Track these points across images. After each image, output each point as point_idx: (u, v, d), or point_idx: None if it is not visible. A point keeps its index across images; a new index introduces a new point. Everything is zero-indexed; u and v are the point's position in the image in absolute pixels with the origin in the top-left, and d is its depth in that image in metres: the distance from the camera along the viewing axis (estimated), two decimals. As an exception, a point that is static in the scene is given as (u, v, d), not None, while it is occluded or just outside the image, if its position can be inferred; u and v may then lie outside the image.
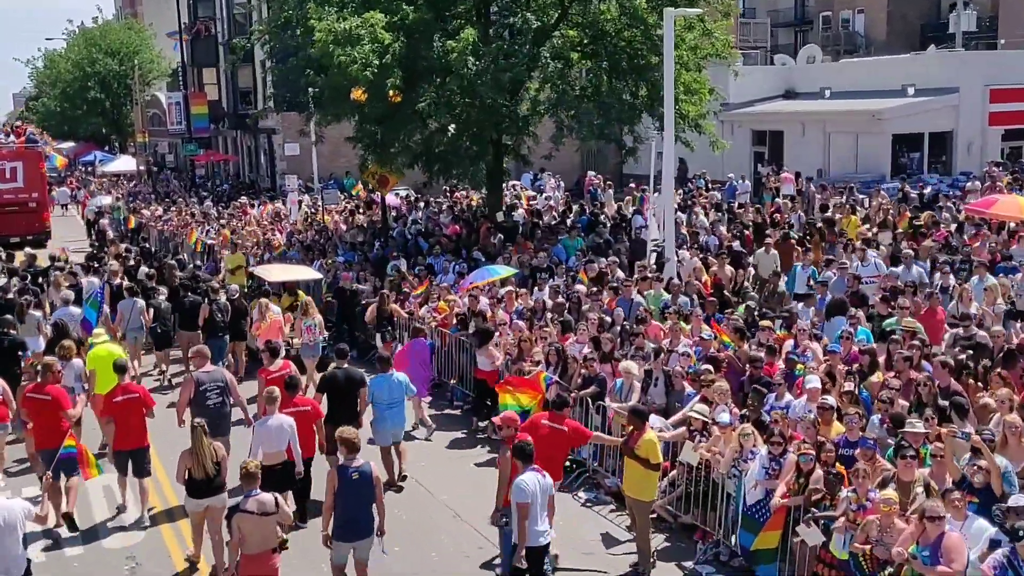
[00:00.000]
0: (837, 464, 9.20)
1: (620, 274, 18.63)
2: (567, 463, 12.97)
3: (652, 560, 10.29)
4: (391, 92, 20.78)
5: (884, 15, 66.41)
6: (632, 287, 16.17)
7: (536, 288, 17.91)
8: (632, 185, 33.59)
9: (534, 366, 13.73)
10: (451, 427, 15.11)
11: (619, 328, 14.53)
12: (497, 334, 14.54)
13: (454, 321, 16.48)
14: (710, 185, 34.43)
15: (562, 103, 21.04)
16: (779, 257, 20.10)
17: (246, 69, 44.15)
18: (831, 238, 22.39)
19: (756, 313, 14.62)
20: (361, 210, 31.42)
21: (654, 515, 10.81)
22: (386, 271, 21.40)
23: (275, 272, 18.83)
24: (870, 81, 38.04)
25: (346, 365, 12.51)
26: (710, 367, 12.20)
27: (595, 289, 16.43)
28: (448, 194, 33.63)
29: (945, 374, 11.13)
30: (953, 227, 22.61)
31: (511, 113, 21.95)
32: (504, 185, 27.45)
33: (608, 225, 25.80)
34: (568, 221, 26.71)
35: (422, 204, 30.69)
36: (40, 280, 21.05)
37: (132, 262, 23.41)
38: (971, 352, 12.76)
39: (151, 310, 17.92)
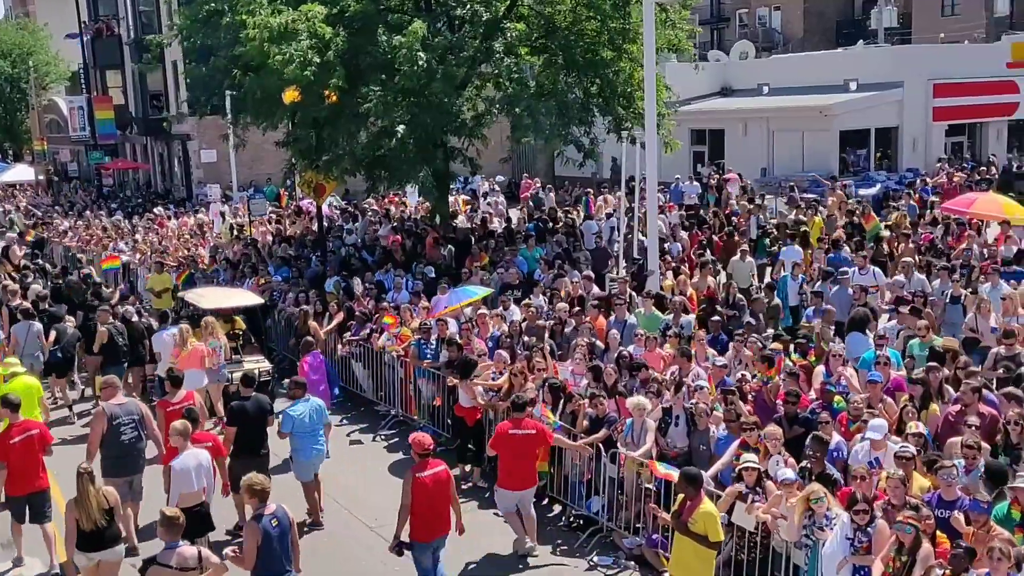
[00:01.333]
0: (939, 534, 7.61)
1: (596, 289, 16.97)
2: (575, 521, 11.31)
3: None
4: (329, 92, 18.78)
5: (800, 12, 66.82)
6: (625, 305, 14.43)
7: (502, 307, 16.06)
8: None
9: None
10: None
11: (616, 355, 12.76)
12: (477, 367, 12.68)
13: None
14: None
15: (519, 101, 19.24)
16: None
17: (156, 70, 41.27)
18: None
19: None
20: (290, 220, 29.14)
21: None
22: (324, 288, 19.34)
23: (209, 298, 16.57)
24: (809, 76, 37.20)
25: (253, 393, 11.51)
26: (735, 402, 10.58)
27: (579, 308, 14.61)
28: (377, 201, 31.50)
29: (1015, 407, 9.64)
30: (924, 224, 21.62)
31: (460, 112, 20.13)
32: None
33: (562, 232, 24.21)
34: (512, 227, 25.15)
35: (358, 213, 28.53)
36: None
37: (30, 279, 20.98)
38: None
39: (52, 333, 16.14)
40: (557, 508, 11.67)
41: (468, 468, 12.76)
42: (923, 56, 37.44)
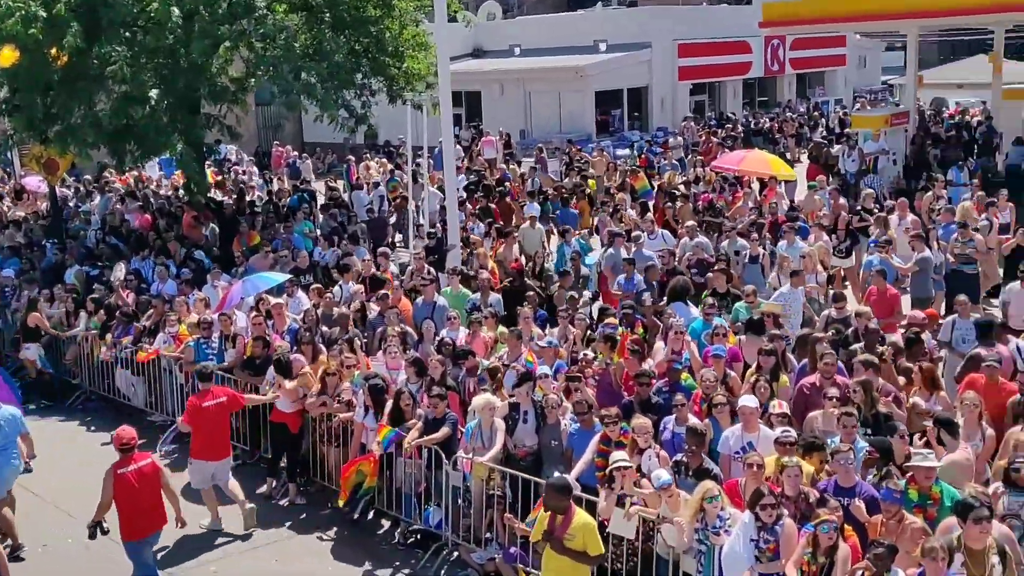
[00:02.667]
0: (846, 527, 7.07)
1: (394, 268, 15.65)
2: (412, 536, 10.08)
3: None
4: (59, 53, 16.11)
5: (534, -26, 67.46)
6: (433, 285, 13.19)
7: (287, 294, 14.33)
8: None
9: (345, 408, 10.54)
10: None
11: (437, 343, 11.56)
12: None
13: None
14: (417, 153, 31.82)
15: (285, 62, 17.35)
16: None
17: None
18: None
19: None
20: (10, 201, 25.46)
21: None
22: (65, 281, 16.76)
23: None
24: (559, 38, 37.25)
25: None
26: (583, 389, 9.73)
27: (385, 292, 13.20)
28: (100, 175, 28.19)
29: (872, 375, 9.38)
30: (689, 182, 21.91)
31: (219, 75, 18.02)
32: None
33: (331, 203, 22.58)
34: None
35: (94, 191, 25.37)
36: None
37: None
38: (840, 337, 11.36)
39: None
40: (387, 523, 10.37)
41: (276, 484, 11.20)
42: (669, 16, 38.41)
